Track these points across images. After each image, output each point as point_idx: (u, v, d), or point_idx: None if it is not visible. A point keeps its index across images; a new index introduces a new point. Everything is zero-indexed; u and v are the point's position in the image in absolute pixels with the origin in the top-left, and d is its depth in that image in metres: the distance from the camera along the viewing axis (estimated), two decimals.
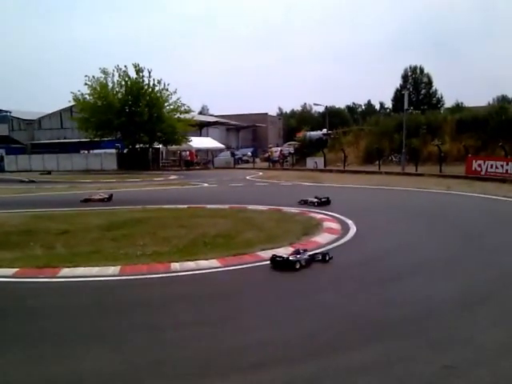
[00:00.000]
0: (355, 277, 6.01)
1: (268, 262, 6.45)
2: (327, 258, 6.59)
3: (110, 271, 6.14)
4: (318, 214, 10.74)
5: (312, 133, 40.10)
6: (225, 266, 6.42)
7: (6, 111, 49.53)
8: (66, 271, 6.11)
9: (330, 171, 28.47)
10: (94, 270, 6.15)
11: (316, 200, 12.53)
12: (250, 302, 5.12)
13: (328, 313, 4.68)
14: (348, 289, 5.52)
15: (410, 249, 7.65)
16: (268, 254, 6.94)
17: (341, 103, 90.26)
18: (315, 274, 6.17)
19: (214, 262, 6.55)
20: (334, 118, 59.77)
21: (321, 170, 29.56)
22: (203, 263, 6.51)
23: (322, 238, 8.22)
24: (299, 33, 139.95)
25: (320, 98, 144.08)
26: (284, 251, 7.03)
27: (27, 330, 4.31)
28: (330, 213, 10.96)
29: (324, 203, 12.36)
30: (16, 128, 51.98)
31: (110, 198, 14.72)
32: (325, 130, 42.57)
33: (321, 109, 69.04)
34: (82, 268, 6.23)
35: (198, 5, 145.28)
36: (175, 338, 4.09)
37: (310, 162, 32.59)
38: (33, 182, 25.97)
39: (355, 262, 6.80)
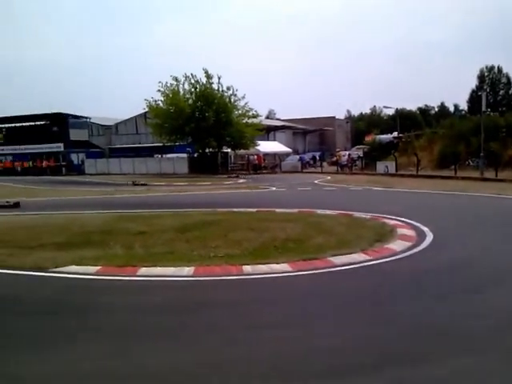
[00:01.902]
0: (432, 286, 5.73)
1: (339, 268, 6.33)
2: None
3: (185, 272, 6.32)
4: (391, 220, 10.40)
5: (382, 136, 39.03)
6: (296, 271, 6.39)
7: (86, 117, 52.89)
8: (144, 270, 6.38)
9: (402, 176, 27.49)
10: (170, 270, 6.37)
11: None
12: (323, 308, 5.04)
13: (404, 323, 4.49)
14: (424, 298, 5.27)
15: (491, 258, 7.17)
16: (339, 259, 6.83)
17: (412, 105, 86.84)
18: (390, 283, 5.97)
19: (285, 266, 6.54)
20: (404, 120, 57.72)
21: (392, 175, 28.64)
22: (275, 267, 6.52)
23: (396, 245, 7.94)
24: (366, 31, 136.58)
25: (389, 101, 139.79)
26: (357, 257, 6.87)
27: (106, 325, 4.53)
28: (403, 219, 10.56)
29: None
30: (95, 133, 55.33)
31: None
32: (395, 133, 41.27)
33: (391, 111, 67.06)
34: (159, 268, 6.48)
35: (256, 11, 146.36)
36: (247, 339, 4.11)
37: (381, 167, 31.68)
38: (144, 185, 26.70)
39: (433, 270, 6.49)
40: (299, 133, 65.92)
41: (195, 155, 42.21)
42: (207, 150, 41.52)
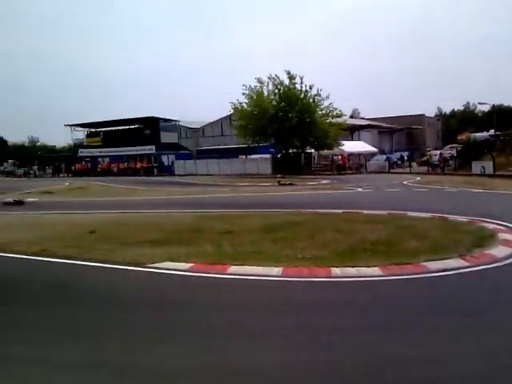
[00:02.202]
0: None
1: (435, 274, 5.98)
2: None
3: (274, 272, 6.35)
4: (490, 224, 9.64)
5: (477, 134, 36.45)
6: (387, 275, 6.14)
7: (176, 121, 55.57)
8: (234, 269, 6.51)
9: (502, 176, 25.43)
10: (259, 270, 6.44)
11: None
12: (417, 315, 4.78)
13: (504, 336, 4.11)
14: None
15: None
16: (434, 265, 6.45)
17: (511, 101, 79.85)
18: (493, 292, 5.52)
19: (375, 270, 6.31)
20: (502, 117, 53.27)
21: (490, 176, 26.58)
22: (364, 270, 6.32)
23: (497, 251, 7.33)
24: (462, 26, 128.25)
25: (484, 97, 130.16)
26: (454, 263, 6.45)
27: (199, 321, 4.65)
28: (505, 223, 9.74)
29: None
30: (183, 136, 57.94)
31: None
32: (492, 131, 38.28)
33: (486, 107, 62.27)
34: (248, 267, 6.58)
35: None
36: (341, 342, 4.02)
37: (477, 167, 29.57)
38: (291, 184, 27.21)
39: None
40: (385, 132, 63.67)
41: (278, 156, 42.51)
42: (290, 151, 41.62)
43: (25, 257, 8.10)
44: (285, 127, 37.80)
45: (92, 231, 10.24)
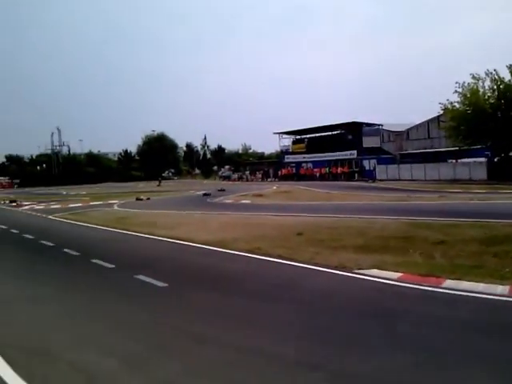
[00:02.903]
0: None
1: None
2: None
3: (498, 290, 5.57)
4: None
5: None
6: None
7: (379, 125, 54.45)
8: (449, 283, 5.95)
9: None
10: (480, 287, 5.73)
11: None
12: None
13: None
14: None
15: None
16: None
17: None
18: None
19: None
20: None
21: None
22: None
23: None
24: None
25: None
26: None
27: (411, 335, 4.37)
28: None
29: None
30: (386, 140, 56.25)
31: None
32: None
33: None
34: (466, 282, 5.93)
35: None
36: None
37: None
38: None
39: None
40: None
41: (495, 159, 37.52)
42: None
43: (242, 253, 8.99)
44: (505, 128, 33.14)
45: (299, 233, 10.74)
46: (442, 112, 39.55)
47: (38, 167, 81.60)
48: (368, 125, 53.11)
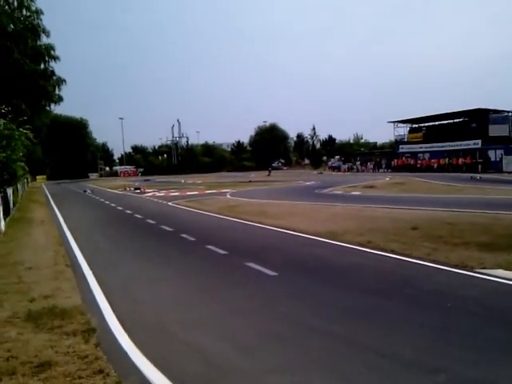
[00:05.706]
0: None
1: None
2: None
3: None
4: None
5: None
6: None
7: (508, 111, 48.99)
8: None
9: None
10: None
11: None
12: None
13: None
14: None
15: None
16: None
17: None
18: None
19: None
20: None
21: None
22: None
23: None
24: None
25: None
26: None
27: None
28: None
29: None
30: None
31: None
32: None
33: None
34: None
35: None
36: None
37: None
38: None
39: None
40: None
41: None
42: None
43: (352, 246, 8.75)
44: None
45: (414, 227, 10.14)
46: None
47: (160, 157, 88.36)
48: (495, 112, 48.13)
